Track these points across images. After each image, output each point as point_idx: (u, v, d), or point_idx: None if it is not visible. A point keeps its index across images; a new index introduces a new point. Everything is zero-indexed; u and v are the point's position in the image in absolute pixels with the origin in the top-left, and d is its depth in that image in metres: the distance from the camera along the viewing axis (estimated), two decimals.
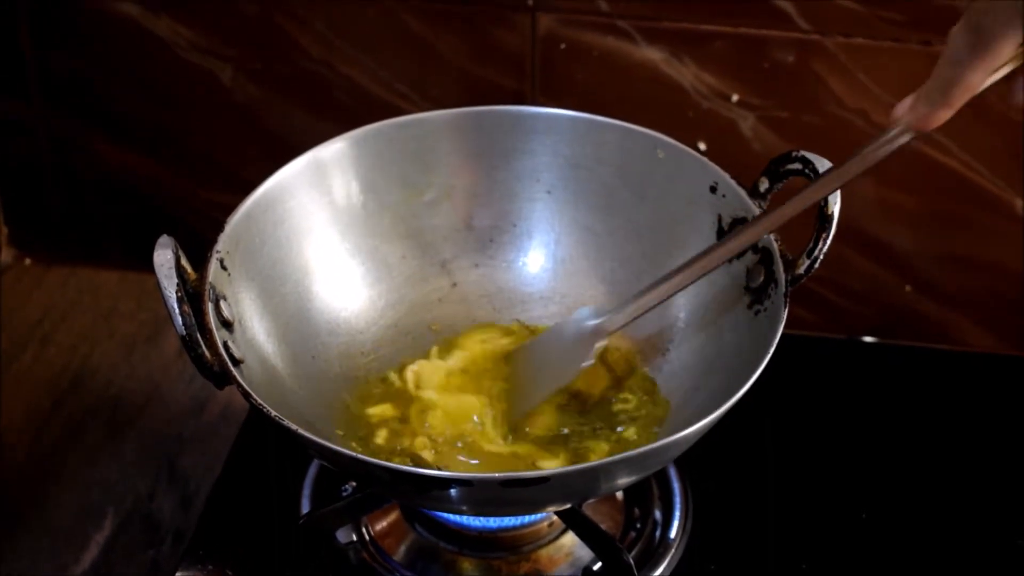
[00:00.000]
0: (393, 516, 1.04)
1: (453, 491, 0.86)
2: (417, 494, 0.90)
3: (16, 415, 1.24)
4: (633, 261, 1.06)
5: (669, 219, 1.04)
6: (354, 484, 1.02)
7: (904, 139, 0.84)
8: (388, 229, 1.07)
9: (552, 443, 1.00)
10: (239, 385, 0.87)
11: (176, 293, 0.87)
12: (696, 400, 0.98)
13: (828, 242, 0.92)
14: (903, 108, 0.83)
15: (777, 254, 0.94)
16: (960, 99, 0.80)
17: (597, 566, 1.00)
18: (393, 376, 1.05)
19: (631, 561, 0.94)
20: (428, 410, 1.02)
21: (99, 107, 1.35)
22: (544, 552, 1.01)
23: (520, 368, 1.04)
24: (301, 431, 0.84)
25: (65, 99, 1.35)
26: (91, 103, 1.35)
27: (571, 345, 0.99)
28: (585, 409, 1.02)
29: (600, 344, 0.98)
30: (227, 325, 0.92)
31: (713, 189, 1.00)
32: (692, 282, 0.94)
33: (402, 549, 1.02)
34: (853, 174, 0.87)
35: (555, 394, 1.02)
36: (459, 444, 1.00)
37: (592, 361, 0.98)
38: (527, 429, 1.00)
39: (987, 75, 0.79)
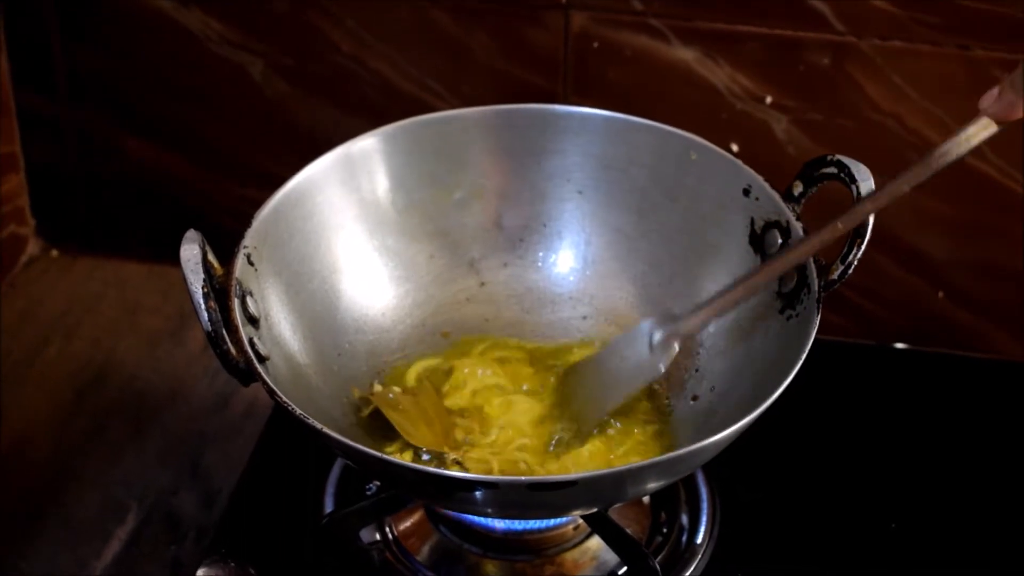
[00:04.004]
0: (417, 516, 1.03)
1: (478, 493, 0.85)
2: (442, 495, 0.89)
3: (40, 409, 1.24)
4: (664, 263, 1.05)
5: (701, 222, 1.03)
6: (378, 484, 1.02)
7: (989, 132, 0.80)
8: (416, 227, 1.07)
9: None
10: (264, 382, 0.86)
11: (202, 289, 0.87)
12: (726, 405, 0.97)
13: (862, 248, 0.91)
14: (990, 98, 0.79)
15: (811, 259, 0.93)
16: None
17: (623, 571, 0.99)
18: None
19: (657, 566, 0.94)
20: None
21: (127, 101, 1.35)
22: (569, 556, 1.00)
23: (583, 382, 1.02)
24: (326, 430, 0.83)
25: (93, 93, 1.35)
26: (119, 96, 1.35)
27: (639, 355, 0.97)
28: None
29: (673, 352, 0.96)
30: (253, 321, 0.92)
31: (746, 192, 0.99)
32: (747, 297, 0.94)
33: (426, 550, 1.01)
34: (928, 175, 0.83)
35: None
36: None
37: (663, 370, 0.96)
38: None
39: None
